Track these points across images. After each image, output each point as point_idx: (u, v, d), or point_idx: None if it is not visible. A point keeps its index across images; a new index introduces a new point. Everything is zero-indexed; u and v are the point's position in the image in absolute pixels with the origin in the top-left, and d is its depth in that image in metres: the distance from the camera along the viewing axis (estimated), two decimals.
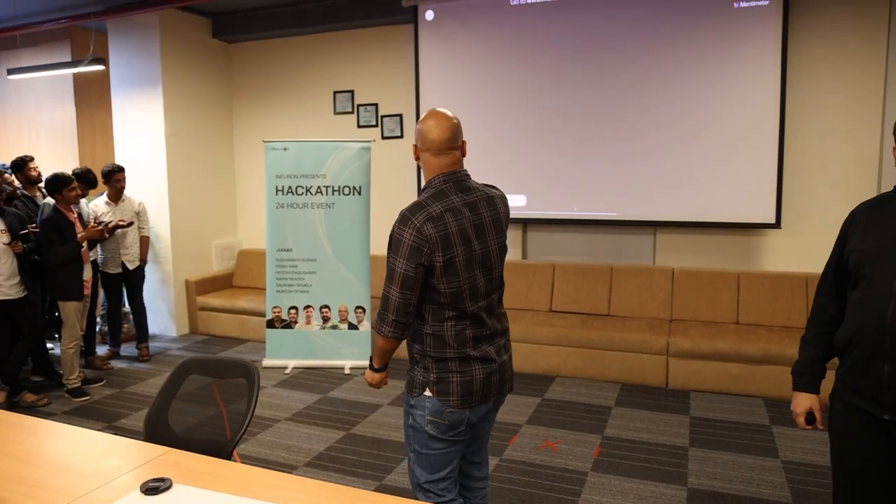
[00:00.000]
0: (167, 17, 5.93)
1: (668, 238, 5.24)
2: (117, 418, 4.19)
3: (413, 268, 1.89)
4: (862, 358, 1.79)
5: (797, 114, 4.77)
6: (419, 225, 1.88)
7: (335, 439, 3.82)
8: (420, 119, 2.03)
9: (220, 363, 2.46)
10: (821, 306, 1.98)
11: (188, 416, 2.34)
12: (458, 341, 1.99)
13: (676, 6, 4.84)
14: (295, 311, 5.17)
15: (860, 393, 1.81)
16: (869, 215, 1.85)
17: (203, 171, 6.47)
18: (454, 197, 1.97)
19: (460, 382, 2.00)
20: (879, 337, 1.73)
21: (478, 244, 1.98)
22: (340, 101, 6.24)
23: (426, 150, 2.01)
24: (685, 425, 3.93)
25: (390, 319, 1.96)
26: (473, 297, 1.99)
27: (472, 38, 5.48)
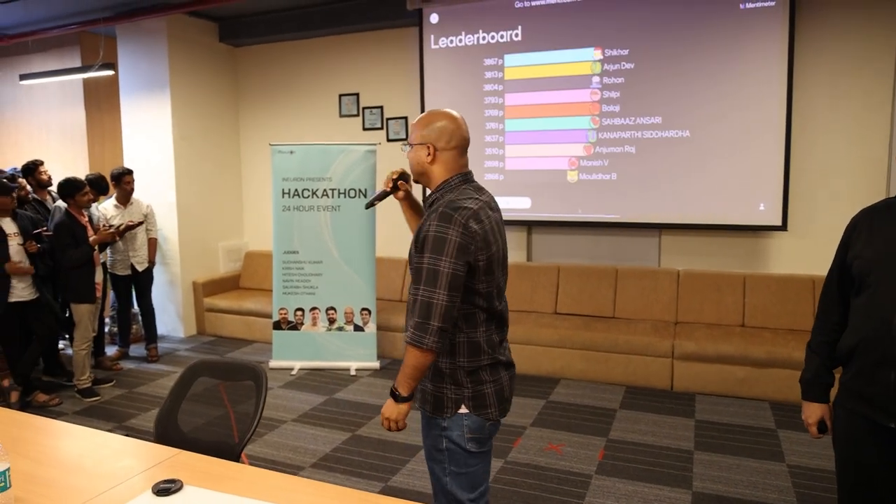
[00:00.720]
0: (175, 22, 5.99)
1: (674, 240, 5.25)
2: (127, 418, 4.24)
3: (462, 266, 1.77)
4: (868, 365, 1.77)
5: (804, 115, 4.76)
6: (464, 222, 1.77)
7: (341, 440, 3.85)
8: (426, 119, 1.94)
9: (229, 365, 2.49)
10: (825, 313, 1.98)
11: (197, 417, 2.38)
12: (490, 346, 1.91)
13: (682, 7, 4.85)
14: (301, 313, 5.20)
15: (866, 400, 1.79)
16: (871, 221, 1.84)
17: (210, 174, 6.52)
18: (477, 195, 1.91)
19: (494, 392, 1.92)
20: (886, 344, 1.71)
21: (501, 244, 1.95)
22: (346, 103, 6.28)
23: (452, 149, 1.92)
24: (690, 428, 3.93)
25: (435, 327, 1.75)
26: (500, 297, 1.96)
27: (476, 41, 5.51)
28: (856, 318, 1.82)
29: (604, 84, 5.14)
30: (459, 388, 1.89)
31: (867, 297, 1.77)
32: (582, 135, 5.25)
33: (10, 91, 6.99)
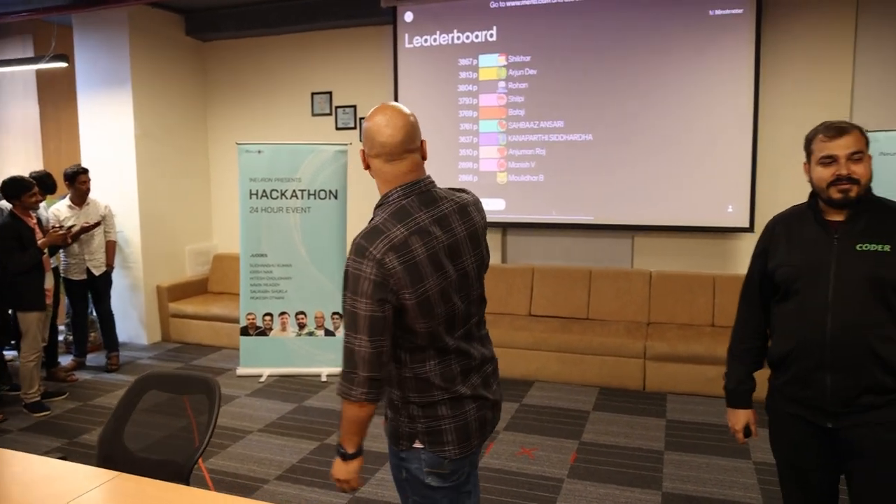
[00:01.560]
0: (137, 13, 5.79)
1: (646, 242, 5.24)
2: (79, 433, 4.06)
3: (380, 306, 1.53)
4: (804, 369, 1.84)
5: (770, 119, 4.80)
6: (379, 256, 1.53)
7: (309, 450, 3.75)
8: (367, 116, 1.68)
9: (180, 378, 2.39)
10: (745, 320, 2.05)
11: (146, 435, 2.26)
12: (447, 379, 1.66)
13: (653, 14, 4.86)
14: (270, 318, 5.09)
15: (803, 403, 1.87)
16: (789, 229, 1.94)
17: (176, 174, 6.34)
18: (419, 214, 1.61)
19: (455, 429, 1.68)
20: (820, 349, 1.79)
21: (453, 268, 1.64)
22: (318, 102, 6.16)
23: (376, 156, 1.64)
24: (661, 428, 3.92)
25: (361, 378, 1.55)
26: (451, 330, 1.66)
27: (450, 40, 5.44)
28: (786, 324, 1.90)
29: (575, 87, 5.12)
30: (413, 421, 1.69)
31: (797, 304, 1.85)
32: (555, 137, 5.21)
33: None
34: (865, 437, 1.77)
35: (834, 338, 1.77)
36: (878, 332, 1.74)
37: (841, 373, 1.78)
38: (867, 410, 1.77)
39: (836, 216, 1.83)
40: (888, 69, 4.56)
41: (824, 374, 1.80)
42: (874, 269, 1.74)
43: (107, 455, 2.18)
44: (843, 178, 1.78)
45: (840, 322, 1.77)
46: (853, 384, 1.77)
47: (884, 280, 1.73)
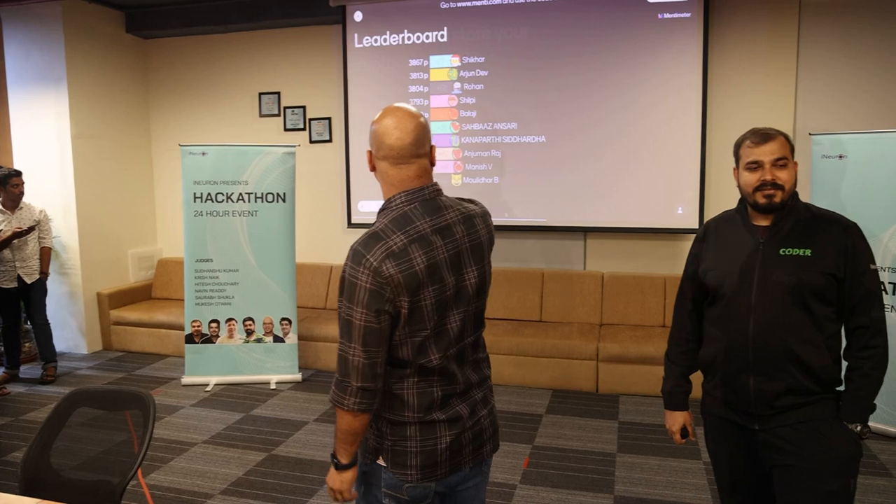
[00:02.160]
0: (72, 8, 5.52)
1: (598, 243, 5.26)
2: (8, 452, 3.80)
3: (375, 316, 1.48)
4: (730, 373, 1.88)
5: (718, 122, 4.87)
6: (376, 265, 1.47)
7: (256, 462, 3.62)
8: (376, 117, 1.63)
9: (112, 394, 2.27)
10: (680, 324, 2.09)
11: (76, 455, 2.13)
12: (422, 403, 1.58)
13: (603, 16, 4.89)
14: (216, 325, 4.92)
15: (731, 407, 1.91)
16: (718, 233, 1.99)
17: (117, 176, 6.09)
18: (421, 222, 1.56)
19: (420, 453, 1.59)
20: (744, 352, 1.84)
21: (452, 279, 1.57)
22: (266, 103, 6.00)
23: (383, 158, 1.59)
24: (614, 431, 3.93)
25: (354, 388, 1.50)
26: (440, 347, 1.58)
27: (401, 41, 5.36)
28: (714, 328, 1.93)
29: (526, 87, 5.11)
30: (380, 437, 1.61)
31: (723, 308, 1.90)
32: (506, 138, 5.19)
33: None
34: (788, 436, 1.81)
35: (755, 341, 1.81)
36: (798, 335, 1.78)
37: (763, 375, 1.82)
38: (789, 411, 1.81)
39: (762, 221, 1.88)
40: (830, 73, 4.69)
41: (748, 377, 1.84)
42: (794, 274, 1.78)
43: (31, 478, 2.04)
44: (767, 184, 1.82)
45: (761, 325, 1.81)
46: (774, 386, 1.81)
47: (803, 284, 1.77)
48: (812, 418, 1.79)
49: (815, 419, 1.79)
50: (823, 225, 1.83)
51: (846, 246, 1.78)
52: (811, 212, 1.87)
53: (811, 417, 1.79)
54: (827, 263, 1.77)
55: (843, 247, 1.78)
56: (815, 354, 1.78)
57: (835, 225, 1.82)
